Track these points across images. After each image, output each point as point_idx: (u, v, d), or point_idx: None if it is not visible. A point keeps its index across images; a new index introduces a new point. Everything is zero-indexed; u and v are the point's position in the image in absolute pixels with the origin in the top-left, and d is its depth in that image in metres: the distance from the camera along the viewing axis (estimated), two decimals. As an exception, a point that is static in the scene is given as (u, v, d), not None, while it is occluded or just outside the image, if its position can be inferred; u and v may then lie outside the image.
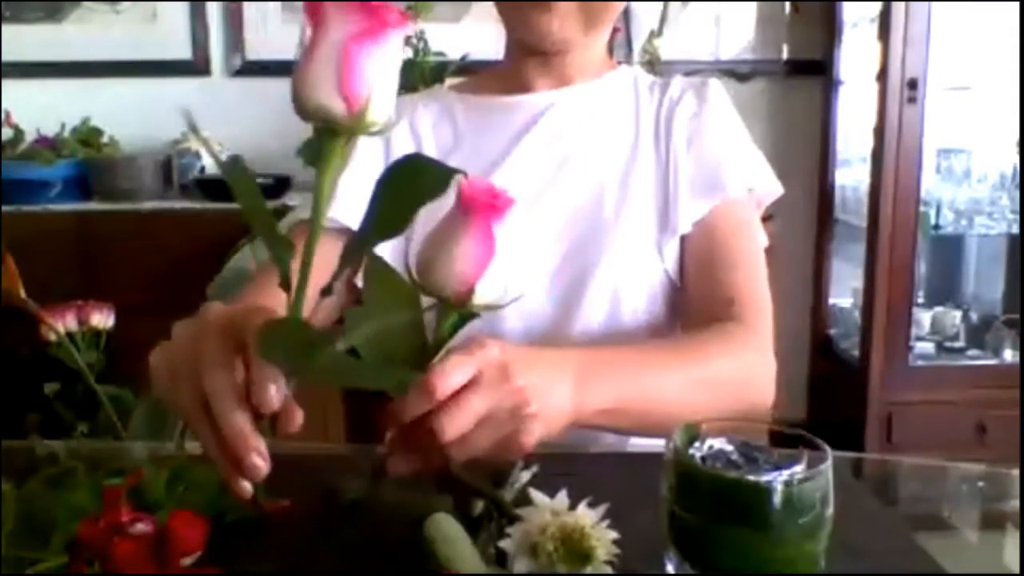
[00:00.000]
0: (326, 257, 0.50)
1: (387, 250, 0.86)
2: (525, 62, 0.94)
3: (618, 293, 0.87)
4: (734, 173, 0.90)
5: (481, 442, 0.57)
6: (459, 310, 0.57)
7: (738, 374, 0.79)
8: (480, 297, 0.56)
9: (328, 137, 0.48)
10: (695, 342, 0.81)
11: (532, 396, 0.59)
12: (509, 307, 0.60)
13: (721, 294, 0.85)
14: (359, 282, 0.88)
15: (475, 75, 1.05)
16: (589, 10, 0.87)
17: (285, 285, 0.50)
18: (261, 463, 0.48)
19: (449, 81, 1.61)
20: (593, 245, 0.87)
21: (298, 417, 0.50)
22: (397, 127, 0.94)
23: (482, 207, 0.55)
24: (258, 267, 1.03)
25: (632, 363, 0.74)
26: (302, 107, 0.48)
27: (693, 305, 0.89)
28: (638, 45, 2.42)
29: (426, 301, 0.58)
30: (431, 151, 0.93)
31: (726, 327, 0.82)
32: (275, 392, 0.48)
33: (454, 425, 0.55)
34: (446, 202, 0.54)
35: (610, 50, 1.02)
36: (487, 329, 0.83)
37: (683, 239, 0.91)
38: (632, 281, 0.88)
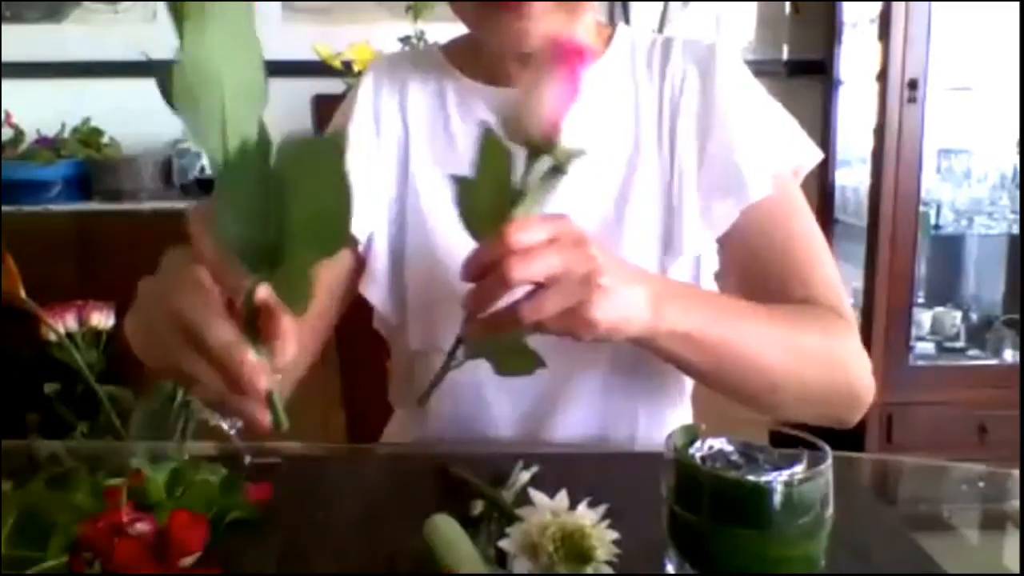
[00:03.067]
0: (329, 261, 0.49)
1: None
2: (500, 56, 0.83)
3: None
4: (755, 173, 0.79)
5: (550, 306, 0.56)
6: (547, 153, 0.57)
7: (831, 353, 0.74)
8: (565, 140, 0.56)
9: None
10: (789, 309, 0.76)
11: (607, 270, 0.58)
12: None
13: (801, 297, 0.78)
14: (362, 290, 0.85)
15: (465, 40, 0.89)
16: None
17: None
18: (257, 373, 0.44)
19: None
20: None
21: (290, 347, 0.46)
22: (386, 109, 0.86)
23: (567, 52, 0.56)
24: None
25: (718, 303, 0.72)
26: None
27: None
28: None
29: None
30: (422, 145, 0.85)
31: (822, 310, 0.77)
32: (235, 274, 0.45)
33: (522, 272, 0.54)
34: None
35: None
36: (473, 380, 0.79)
37: (723, 259, 0.83)
38: None
